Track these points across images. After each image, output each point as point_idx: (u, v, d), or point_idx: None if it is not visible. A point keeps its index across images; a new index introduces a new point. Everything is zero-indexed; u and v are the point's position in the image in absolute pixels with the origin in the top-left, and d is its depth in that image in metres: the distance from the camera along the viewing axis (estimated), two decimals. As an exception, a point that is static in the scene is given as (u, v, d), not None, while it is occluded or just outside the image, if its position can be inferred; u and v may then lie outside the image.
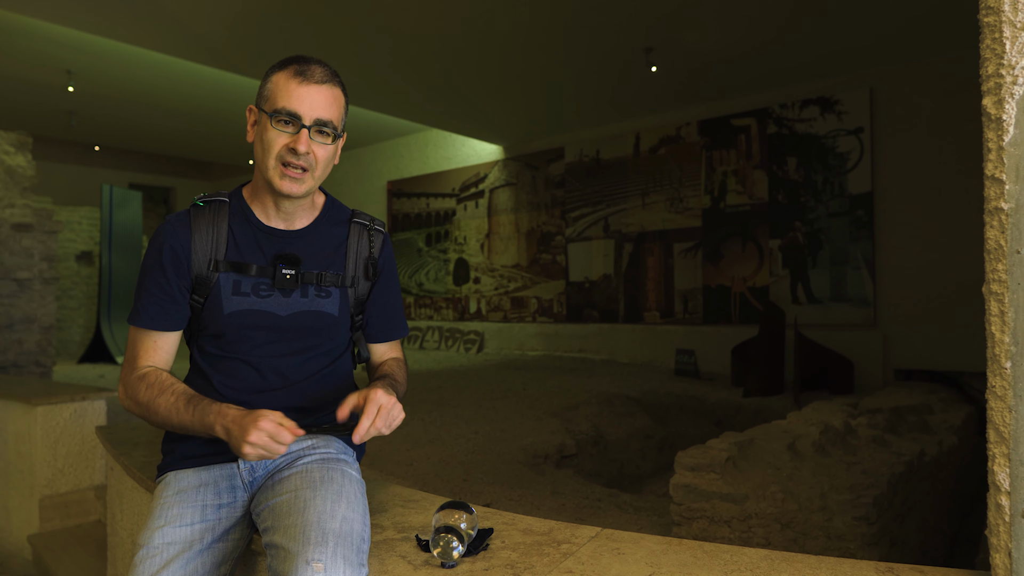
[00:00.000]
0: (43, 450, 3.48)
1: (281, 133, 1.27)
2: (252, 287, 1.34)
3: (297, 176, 1.29)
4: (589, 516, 3.19)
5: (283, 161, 1.28)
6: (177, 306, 1.33)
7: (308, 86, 1.27)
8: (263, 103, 1.30)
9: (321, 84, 1.28)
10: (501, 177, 10.31)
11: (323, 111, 1.28)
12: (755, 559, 1.13)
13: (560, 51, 6.52)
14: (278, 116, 1.27)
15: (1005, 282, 0.87)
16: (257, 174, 1.36)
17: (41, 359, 6.35)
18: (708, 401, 6.13)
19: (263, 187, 1.36)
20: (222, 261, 1.33)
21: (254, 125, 1.34)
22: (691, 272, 8.25)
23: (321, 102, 1.28)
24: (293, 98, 1.26)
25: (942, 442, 3.84)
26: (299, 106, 1.26)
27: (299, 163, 1.28)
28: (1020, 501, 0.87)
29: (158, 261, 1.32)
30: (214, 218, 1.35)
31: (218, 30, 5.99)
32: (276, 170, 1.29)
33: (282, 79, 1.28)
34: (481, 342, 10.32)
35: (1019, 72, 0.86)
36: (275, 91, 1.28)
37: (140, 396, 1.28)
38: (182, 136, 11.40)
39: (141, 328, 1.34)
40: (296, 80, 1.27)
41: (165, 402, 1.25)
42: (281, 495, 1.21)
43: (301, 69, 1.28)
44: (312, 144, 1.28)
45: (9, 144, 6.40)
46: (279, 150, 1.28)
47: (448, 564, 1.15)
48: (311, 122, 1.27)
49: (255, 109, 1.34)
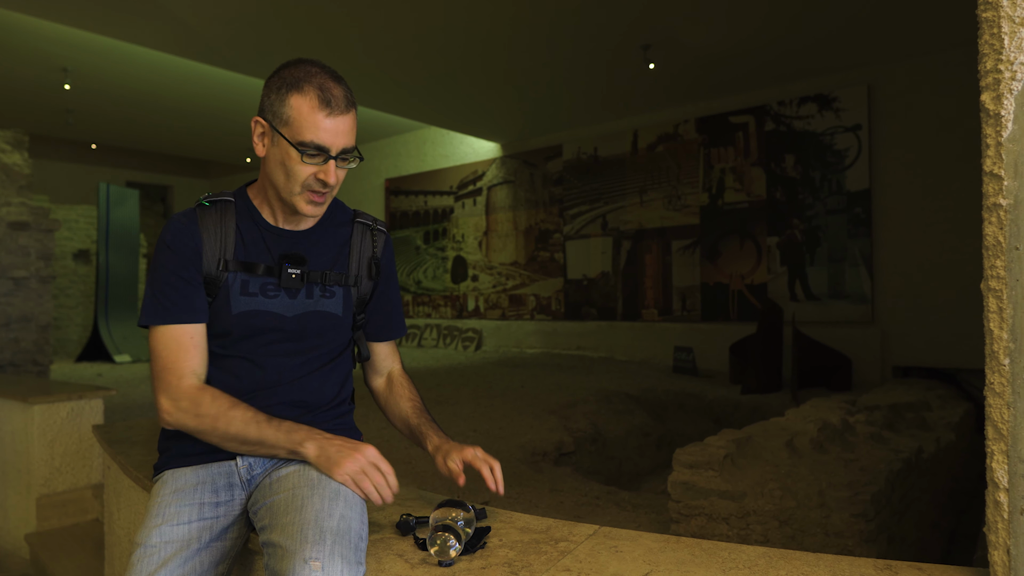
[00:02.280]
0: (40, 449, 3.47)
1: (308, 165, 1.26)
2: (260, 287, 1.34)
3: (321, 201, 1.31)
4: (587, 514, 3.19)
5: (310, 188, 1.28)
6: (203, 298, 1.32)
7: (334, 117, 1.24)
8: (281, 127, 1.25)
9: (345, 114, 1.25)
10: (499, 175, 10.30)
11: (348, 140, 1.27)
12: (753, 556, 1.13)
13: (558, 48, 6.52)
14: (305, 149, 1.24)
15: (1003, 278, 0.87)
16: (269, 186, 1.34)
17: (38, 358, 6.34)
18: (706, 398, 6.14)
19: (276, 198, 1.35)
20: (231, 260, 1.33)
21: (264, 139, 1.30)
22: (689, 269, 8.25)
23: (346, 132, 1.26)
24: (321, 132, 1.23)
25: (940, 439, 3.84)
26: (327, 139, 1.24)
27: (325, 191, 1.29)
28: (1018, 498, 0.87)
29: (174, 255, 1.30)
30: (221, 218, 1.35)
31: (216, 28, 5.97)
32: (302, 197, 1.29)
33: (306, 108, 1.23)
34: (479, 340, 10.32)
35: (1017, 68, 0.86)
36: (299, 120, 1.23)
37: (205, 408, 1.23)
38: (179, 134, 11.38)
39: (173, 325, 1.28)
40: (323, 112, 1.23)
41: (242, 415, 1.23)
42: (279, 493, 1.21)
43: (326, 98, 1.23)
44: (337, 172, 1.28)
45: (5, 142, 6.38)
46: (306, 179, 1.27)
47: (445, 563, 1.15)
48: (338, 152, 1.26)
49: (266, 125, 1.28)
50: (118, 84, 8.52)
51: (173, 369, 1.26)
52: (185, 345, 1.28)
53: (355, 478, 1.18)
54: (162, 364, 1.27)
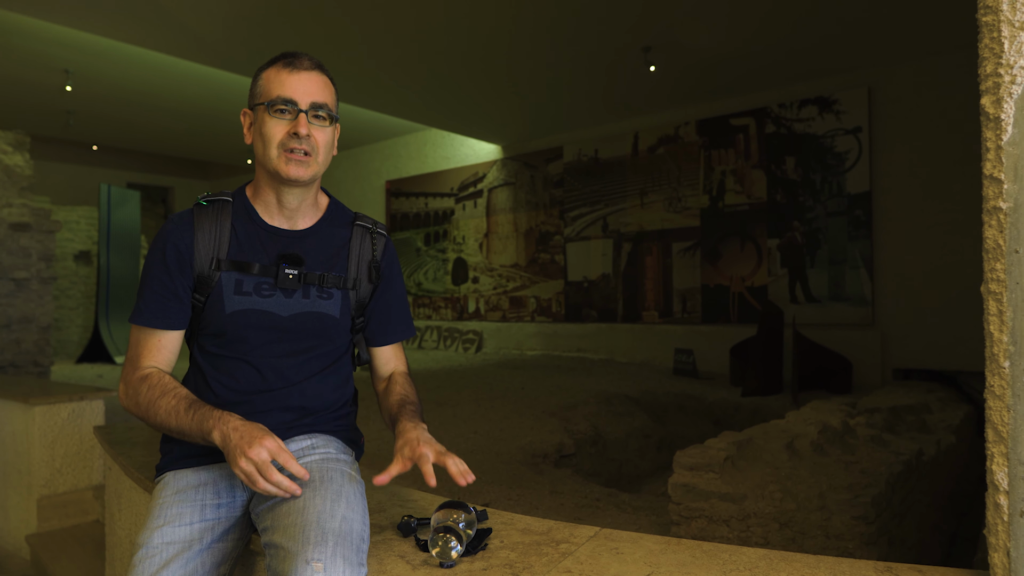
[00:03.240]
0: (41, 450, 3.47)
1: (280, 121, 1.30)
2: (254, 286, 1.34)
3: (301, 159, 1.31)
4: (588, 516, 3.19)
5: (286, 147, 1.30)
6: (180, 304, 1.33)
7: (299, 73, 1.31)
8: (256, 100, 1.34)
9: (311, 71, 1.32)
10: (500, 177, 10.31)
11: (317, 95, 1.32)
12: (754, 558, 1.13)
13: (559, 50, 6.52)
14: (274, 105, 1.30)
15: (1003, 281, 0.88)
16: (259, 171, 1.37)
17: (39, 359, 6.34)
18: (706, 400, 6.13)
19: (267, 183, 1.36)
20: (224, 260, 1.33)
21: (251, 127, 1.37)
22: (690, 272, 8.25)
23: (314, 87, 1.32)
24: (287, 86, 1.30)
25: (940, 441, 3.84)
26: (293, 92, 1.30)
27: (302, 147, 1.30)
28: (1018, 500, 0.87)
29: (161, 259, 1.32)
30: (217, 217, 1.35)
31: (216, 29, 5.98)
32: (280, 158, 1.31)
33: (272, 72, 1.32)
34: (480, 342, 10.32)
35: (1017, 71, 0.86)
36: (267, 85, 1.32)
37: (141, 397, 1.27)
38: (180, 135, 11.39)
39: (143, 327, 1.33)
40: (287, 70, 1.31)
41: (166, 404, 1.24)
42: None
43: (289, 60, 1.32)
44: (311, 128, 1.31)
45: (7, 143, 6.39)
46: (281, 138, 1.30)
47: (447, 564, 1.15)
48: (307, 106, 1.31)
49: (249, 111, 1.37)
50: (119, 86, 8.53)
51: (134, 362, 1.33)
52: (151, 347, 1.33)
53: (250, 477, 1.11)
54: (129, 357, 1.36)
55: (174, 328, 1.34)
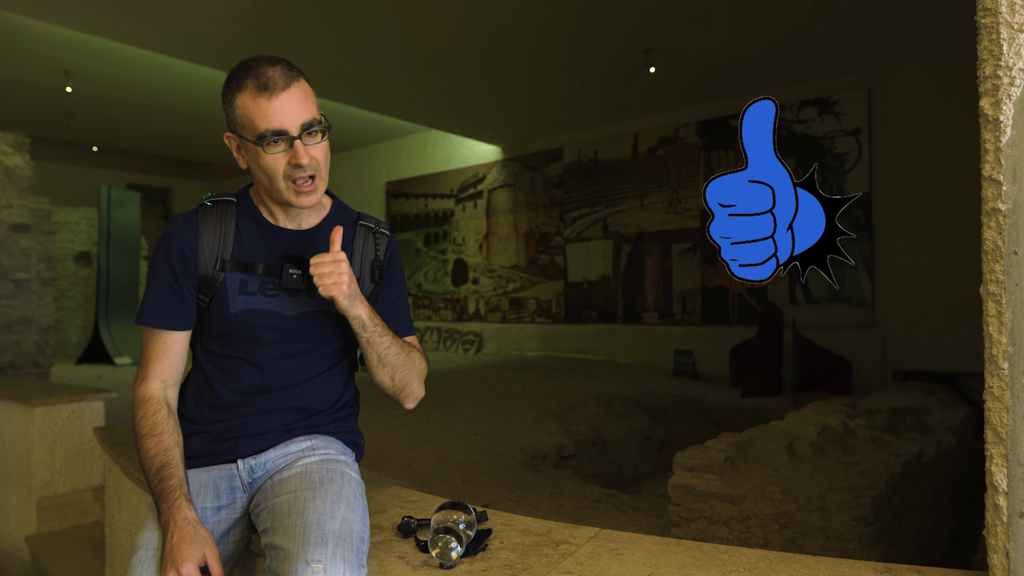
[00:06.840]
0: (41, 451, 3.47)
1: (276, 155, 1.25)
2: (259, 286, 1.34)
3: (309, 188, 1.29)
4: (588, 517, 3.19)
5: (291, 178, 1.27)
6: (185, 305, 1.33)
7: (277, 97, 1.22)
8: (242, 131, 1.27)
9: (287, 88, 1.24)
10: (500, 178, 10.31)
11: (302, 113, 1.25)
12: (753, 559, 1.13)
13: (559, 52, 6.53)
14: (266, 140, 1.24)
15: (1003, 283, 0.88)
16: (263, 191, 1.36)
17: (39, 360, 6.34)
18: (706, 402, 6.13)
19: (273, 202, 1.36)
20: (228, 260, 1.33)
21: (240, 151, 1.32)
22: (690, 273, 8.25)
23: (296, 106, 1.24)
24: (271, 117, 1.22)
25: (940, 443, 3.84)
26: (280, 122, 1.23)
27: (306, 174, 1.27)
28: (1018, 501, 0.87)
29: (166, 260, 1.32)
30: (221, 218, 1.35)
31: (217, 31, 5.98)
32: (289, 190, 1.28)
33: (249, 101, 1.24)
34: (480, 343, 10.32)
35: (1016, 74, 0.86)
36: (248, 116, 1.24)
37: (135, 421, 1.29)
38: (180, 137, 11.39)
39: (150, 328, 1.33)
40: (264, 98, 1.22)
41: (147, 447, 1.25)
42: (280, 496, 1.21)
43: (261, 83, 1.23)
44: (309, 149, 1.26)
45: (7, 144, 6.39)
46: (283, 169, 1.26)
47: (447, 565, 1.15)
48: (299, 131, 1.24)
49: (234, 137, 1.31)
50: (119, 87, 8.53)
51: (143, 369, 1.33)
52: (157, 349, 1.33)
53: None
54: (141, 360, 1.36)
55: (179, 328, 1.33)
